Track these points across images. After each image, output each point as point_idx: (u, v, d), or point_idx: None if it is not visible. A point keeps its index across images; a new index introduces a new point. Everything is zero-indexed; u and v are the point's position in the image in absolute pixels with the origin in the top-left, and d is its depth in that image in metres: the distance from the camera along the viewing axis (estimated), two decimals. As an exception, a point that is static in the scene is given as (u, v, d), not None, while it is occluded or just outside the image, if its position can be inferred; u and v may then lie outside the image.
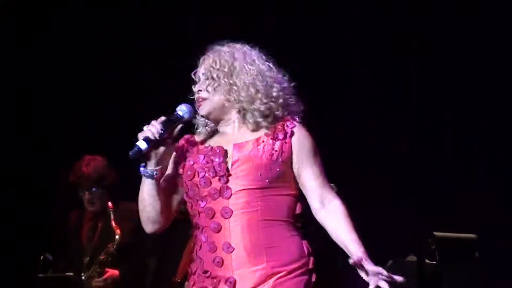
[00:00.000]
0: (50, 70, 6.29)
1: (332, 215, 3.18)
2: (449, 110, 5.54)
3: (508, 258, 5.24)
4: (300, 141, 3.20)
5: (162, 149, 3.21)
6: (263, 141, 3.18)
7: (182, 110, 3.24)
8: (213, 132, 3.33)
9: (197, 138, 3.33)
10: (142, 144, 3.17)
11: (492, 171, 5.45)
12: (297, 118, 3.26)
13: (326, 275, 3.36)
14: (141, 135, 3.19)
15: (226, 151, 3.20)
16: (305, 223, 3.41)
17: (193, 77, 3.34)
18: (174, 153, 3.31)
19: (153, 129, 3.19)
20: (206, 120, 3.33)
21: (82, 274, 5.16)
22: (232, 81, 3.23)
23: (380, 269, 3.06)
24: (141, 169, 3.23)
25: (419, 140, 5.43)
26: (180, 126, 3.25)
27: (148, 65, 6.16)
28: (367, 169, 5.52)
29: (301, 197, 3.22)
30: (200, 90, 3.28)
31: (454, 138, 5.51)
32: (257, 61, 3.26)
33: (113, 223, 5.10)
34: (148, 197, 3.25)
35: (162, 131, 3.19)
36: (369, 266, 3.06)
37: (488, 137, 5.46)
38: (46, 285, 5.22)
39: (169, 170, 3.30)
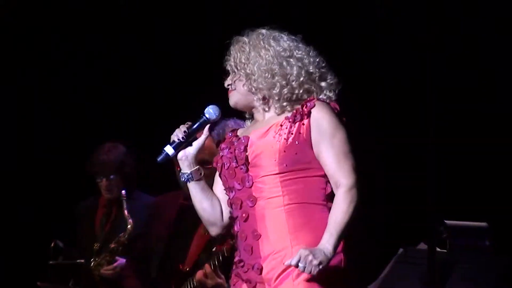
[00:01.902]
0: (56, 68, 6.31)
1: (333, 203, 3.13)
2: (465, 100, 5.52)
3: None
4: (316, 121, 3.14)
5: (191, 152, 3.26)
6: (282, 125, 3.16)
7: (208, 112, 3.28)
8: (253, 122, 3.33)
9: (240, 130, 3.34)
10: (169, 150, 3.24)
11: (505, 160, 5.44)
12: (322, 96, 3.21)
13: None
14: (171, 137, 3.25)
15: (249, 140, 3.21)
16: None
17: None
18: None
19: (179, 133, 3.24)
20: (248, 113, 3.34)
21: (92, 260, 5.16)
22: (249, 70, 3.22)
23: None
24: (180, 174, 3.28)
25: (433, 129, 5.42)
26: (207, 126, 3.28)
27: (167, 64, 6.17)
28: (380, 158, 5.52)
29: None
30: (229, 85, 3.29)
31: (468, 127, 5.49)
32: (273, 43, 3.22)
33: (125, 212, 5.10)
34: (194, 200, 3.30)
35: (188, 135, 3.24)
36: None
37: (494, 137, 5.45)
38: (56, 272, 5.22)
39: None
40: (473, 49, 5.55)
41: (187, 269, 4.67)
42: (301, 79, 3.20)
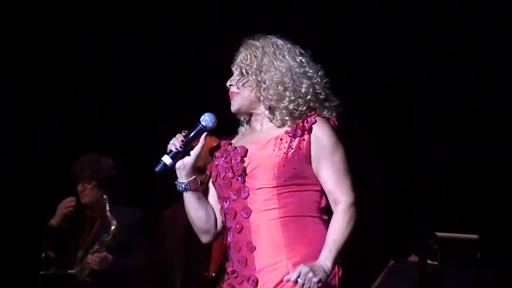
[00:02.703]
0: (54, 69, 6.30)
1: (332, 220, 3.13)
2: (465, 100, 5.52)
3: (510, 258, 5.24)
4: (317, 138, 3.14)
5: (189, 161, 3.23)
6: (282, 139, 3.15)
7: (204, 120, 3.24)
8: (250, 130, 3.31)
9: (235, 138, 3.32)
10: (166, 159, 3.20)
11: (494, 172, 5.44)
12: (324, 113, 3.20)
13: None
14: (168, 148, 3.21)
15: (247, 151, 3.18)
16: None
17: (232, 69, 3.31)
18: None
19: (176, 142, 3.20)
20: (245, 117, 3.32)
21: (75, 266, 5.16)
22: (260, 78, 3.20)
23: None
24: (176, 183, 3.25)
25: (422, 140, 5.43)
26: (204, 134, 3.25)
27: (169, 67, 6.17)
28: (369, 169, 5.51)
29: None
30: (231, 85, 3.27)
31: (458, 138, 5.49)
32: (288, 56, 3.21)
33: (108, 214, 5.11)
34: (190, 209, 3.28)
35: (185, 144, 3.20)
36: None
37: (494, 137, 5.44)
38: (48, 282, 5.23)
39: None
40: (473, 49, 5.55)
41: (213, 274, 4.65)
42: (308, 97, 3.19)
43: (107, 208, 5.13)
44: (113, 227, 5.10)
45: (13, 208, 6.21)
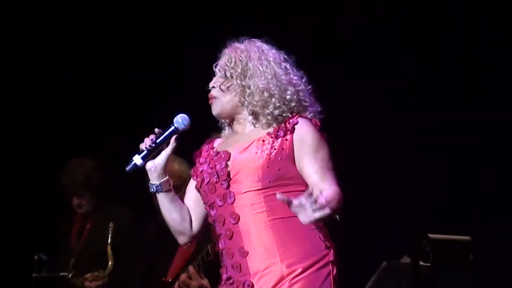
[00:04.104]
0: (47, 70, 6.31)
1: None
2: (454, 110, 5.52)
3: (502, 260, 5.24)
4: (300, 137, 3.11)
5: (159, 162, 3.21)
6: (264, 141, 3.13)
7: (177, 122, 3.21)
8: (232, 134, 3.29)
9: (216, 141, 3.30)
10: (137, 159, 3.18)
11: (488, 173, 5.44)
12: (305, 114, 3.18)
13: None
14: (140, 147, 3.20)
15: (230, 155, 3.16)
16: None
17: (214, 70, 3.29)
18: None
19: (148, 142, 3.19)
20: (226, 120, 3.30)
21: (70, 273, 5.16)
22: (245, 83, 3.18)
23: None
24: (148, 185, 3.24)
25: (414, 142, 5.42)
26: (175, 136, 3.21)
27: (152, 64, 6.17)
28: (362, 170, 5.51)
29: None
30: (213, 87, 3.25)
31: (451, 140, 5.49)
32: (273, 63, 3.19)
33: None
34: (163, 211, 3.26)
35: (156, 144, 3.18)
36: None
37: (487, 140, 5.44)
38: (40, 285, 5.22)
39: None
40: (473, 49, 5.55)
41: (170, 279, 4.65)
42: (293, 104, 3.18)
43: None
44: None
45: (7, 209, 6.20)
